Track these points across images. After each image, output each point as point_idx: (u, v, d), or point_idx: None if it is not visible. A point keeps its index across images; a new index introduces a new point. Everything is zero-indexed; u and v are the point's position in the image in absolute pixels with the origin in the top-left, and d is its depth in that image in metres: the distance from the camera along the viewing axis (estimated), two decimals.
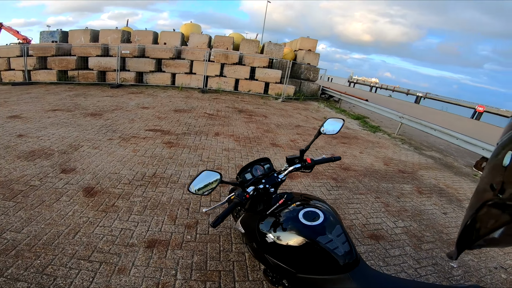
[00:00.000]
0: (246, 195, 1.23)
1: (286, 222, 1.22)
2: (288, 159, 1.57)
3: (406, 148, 6.53)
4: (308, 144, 1.57)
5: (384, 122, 9.53)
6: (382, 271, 2.28)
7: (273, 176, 1.47)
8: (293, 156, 1.58)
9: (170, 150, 4.31)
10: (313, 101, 12.12)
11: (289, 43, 15.10)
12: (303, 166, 1.54)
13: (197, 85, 10.90)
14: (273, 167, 1.67)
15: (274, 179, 1.45)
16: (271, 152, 4.83)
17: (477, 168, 5.55)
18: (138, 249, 2.18)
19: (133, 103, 7.27)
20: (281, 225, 1.22)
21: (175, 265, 2.07)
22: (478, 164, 5.59)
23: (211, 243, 2.33)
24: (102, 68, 9.62)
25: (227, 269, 2.08)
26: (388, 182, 4.19)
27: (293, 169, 1.53)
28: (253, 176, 1.56)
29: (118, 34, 11.11)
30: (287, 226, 1.20)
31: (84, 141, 4.28)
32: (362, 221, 2.97)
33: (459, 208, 3.66)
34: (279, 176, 1.49)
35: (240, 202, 1.21)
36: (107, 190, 2.97)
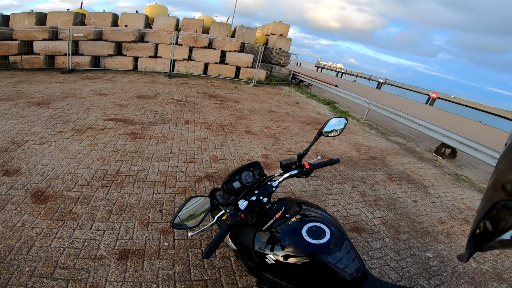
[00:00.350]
0: (241, 215, 1.03)
1: (289, 240, 1.05)
2: (284, 164, 1.35)
3: (374, 133, 6.78)
4: (307, 148, 1.36)
5: (352, 107, 9.82)
6: (367, 265, 2.29)
7: (267, 185, 1.28)
8: (289, 161, 1.36)
9: (135, 142, 3.89)
10: (284, 86, 12.06)
11: (260, 28, 14.68)
12: (301, 172, 1.35)
13: (162, 69, 10.13)
14: (264, 171, 1.47)
15: (268, 189, 1.26)
16: (246, 140, 4.64)
17: (437, 153, 5.96)
18: (109, 262, 1.91)
19: (88, 89, 6.45)
20: (282, 244, 1.05)
21: (155, 277, 1.85)
22: (438, 150, 6.01)
23: (192, 249, 2.12)
24: (50, 53, 8.43)
25: (214, 277, 1.91)
26: (362, 169, 4.28)
27: (289, 176, 1.34)
28: (242, 185, 1.36)
29: (70, 16, 9.88)
30: (290, 245, 1.04)
31: (29, 135, 3.66)
32: (343, 213, 2.97)
33: (426, 195, 3.87)
34: (273, 184, 1.30)
35: (234, 224, 1.01)
36: (61, 194, 2.55)
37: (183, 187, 2.94)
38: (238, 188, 1.34)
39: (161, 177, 3.06)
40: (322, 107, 8.92)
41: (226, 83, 10.13)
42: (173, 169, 3.29)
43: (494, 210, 0.34)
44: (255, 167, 1.46)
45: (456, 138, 5.37)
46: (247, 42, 11.30)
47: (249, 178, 1.39)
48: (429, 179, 4.49)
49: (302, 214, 1.15)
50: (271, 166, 3.80)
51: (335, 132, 1.49)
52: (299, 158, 1.34)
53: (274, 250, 1.05)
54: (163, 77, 9.47)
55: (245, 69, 11.14)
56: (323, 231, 1.04)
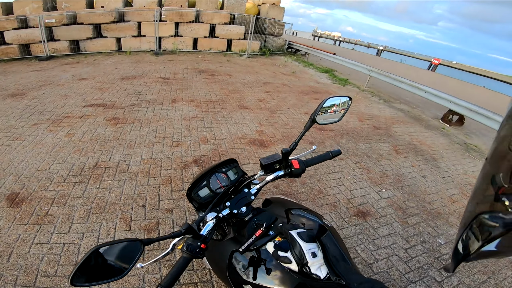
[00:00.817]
0: (201, 245, 0.74)
1: (271, 267, 0.78)
2: (264, 165, 0.99)
3: (377, 101, 6.38)
4: (294, 141, 0.99)
5: (352, 75, 9.29)
6: (373, 256, 2.07)
7: (243, 192, 0.97)
8: (271, 160, 1.00)
9: (116, 128, 3.57)
10: (280, 56, 11.42)
11: None
12: (288, 173, 1.00)
13: (148, 48, 9.49)
14: (242, 170, 1.13)
15: (244, 198, 0.95)
16: (238, 116, 4.30)
17: (444, 121, 5.59)
18: None
19: (67, 75, 5.99)
20: (262, 271, 0.78)
21: (141, 282, 1.67)
22: (445, 117, 5.63)
23: (179, 250, 1.90)
24: (24, 41, 7.82)
25: (204, 279, 1.72)
26: (365, 141, 3.97)
27: (274, 179, 1.01)
28: (211, 192, 1.04)
29: (39, 3, 9.13)
30: (272, 274, 0.77)
31: (3, 131, 3.35)
32: (346, 195, 2.72)
33: (436, 169, 3.56)
34: (251, 190, 0.98)
35: (193, 257, 0.73)
36: (36, 194, 2.31)
37: (169, 176, 2.67)
38: (207, 196, 1.03)
39: (144, 166, 2.79)
40: (321, 76, 8.41)
41: (218, 57, 9.53)
42: (157, 155, 3.01)
43: (477, 222, 0.34)
44: (229, 166, 1.11)
45: (464, 105, 4.98)
46: (237, 14, 10.52)
47: (220, 182, 1.06)
48: (437, 150, 4.17)
49: (290, 230, 0.85)
50: (266, 144, 3.50)
51: (334, 117, 1.09)
52: (283, 156, 0.98)
53: (253, 279, 0.78)
54: (150, 55, 8.89)
55: (237, 41, 10.47)
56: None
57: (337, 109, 1.08)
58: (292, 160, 1.00)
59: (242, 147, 3.36)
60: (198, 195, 1.02)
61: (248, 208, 0.93)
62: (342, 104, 1.09)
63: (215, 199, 0.94)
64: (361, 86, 7.67)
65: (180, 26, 9.72)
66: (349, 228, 2.30)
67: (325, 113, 1.04)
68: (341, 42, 40.75)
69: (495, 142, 0.35)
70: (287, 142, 3.60)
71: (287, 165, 1.00)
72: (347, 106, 1.11)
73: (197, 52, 10.00)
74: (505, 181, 0.31)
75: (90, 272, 0.55)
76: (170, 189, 2.48)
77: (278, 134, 3.82)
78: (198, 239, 0.74)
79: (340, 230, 2.26)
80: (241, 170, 1.13)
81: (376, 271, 1.94)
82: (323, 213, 2.43)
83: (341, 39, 42.27)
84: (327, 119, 1.08)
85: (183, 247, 0.73)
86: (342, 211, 2.49)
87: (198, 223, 0.81)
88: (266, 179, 1.00)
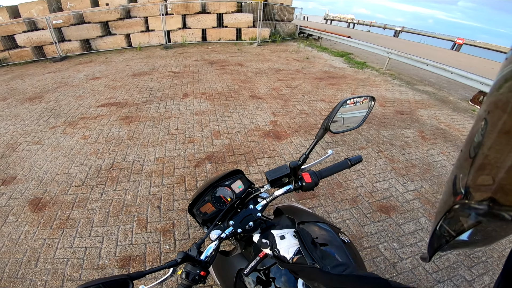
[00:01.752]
0: (200, 272, 0.66)
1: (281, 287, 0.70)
2: (271, 180, 0.85)
3: (398, 84, 5.99)
4: (305, 153, 0.83)
5: (370, 58, 8.80)
6: (398, 255, 1.92)
7: (249, 209, 0.85)
8: (277, 174, 0.86)
9: (129, 127, 3.56)
10: (291, 42, 11.01)
11: None
12: (299, 187, 0.85)
13: (158, 42, 9.46)
14: (248, 181, 1.02)
15: (250, 216, 0.83)
16: (251, 107, 4.17)
17: (474, 102, 5.15)
18: (112, 271, 1.77)
19: (81, 75, 6.07)
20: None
21: (159, 285, 1.63)
22: (475, 98, 5.18)
23: None
24: (36, 43, 7.99)
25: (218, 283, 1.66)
26: (388, 128, 3.73)
27: (283, 193, 0.87)
28: (215, 209, 0.93)
29: (44, 4, 9.32)
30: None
31: (23, 136, 3.44)
32: (368, 188, 2.55)
33: None
34: (257, 207, 0.86)
35: (191, 285, 0.65)
36: (57, 199, 2.36)
37: (182, 174, 2.62)
38: (211, 213, 0.93)
39: (158, 165, 2.76)
40: (336, 60, 8.02)
41: (228, 46, 9.33)
42: (170, 153, 2.97)
43: (451, 212, 0.35)
44: (233, 178, 1.00)
45: None
46: (244, 1, 10.19)
47: (224, 197, 0.96)
48: None
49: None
50: (281, 135, 3.37)
51: (352, 122, 0.89)
52: (292, 170, 0.83)
53: None
54: (160, 50, 8.85)
55: (246, 30, 10.19)
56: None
57: (356, 113, 0.89)
58: (304, 173, 0.86)
59: (256, 140, 3.25)
60: (200, 211, 0.93)
61: (256, 223, 0.83)
62: (362, 106, 0.89)
63: (218, 215, 0.85)
64: (380, 69, 7.24)
65: (188, 18, 9.57)
66: (372, 225, 2.16)
67: (341, 118, 0.86)
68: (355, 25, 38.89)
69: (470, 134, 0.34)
70: (303, 133, 3.45)
71: (297, 179, 0.86)
72: (368, 108, 0.91)
73: (207, 43, 9.85)
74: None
75: None
76: (184, 189, 2.43)
77: (294, 124, 3.66)
78: (198, 265, 0.67)
79: (362, 227, 2.12)
80: (247, 181, 1.02)
81: (400, 271, 1.81)
82: (343, 208, 2.30)
83: (355, 22, 40.31)
84: (343, 126, 0.89)
85: (182, 274, 0.66)
86: (364, 206, 2.34)
87: (199, 245, 0.72)
88: (274, 194, 0.88)
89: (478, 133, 0.31)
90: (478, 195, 0.30)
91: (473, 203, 0.30)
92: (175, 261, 0.63)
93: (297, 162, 0.81)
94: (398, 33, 30.12)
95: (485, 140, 0.29)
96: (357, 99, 0.87)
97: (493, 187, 0.27)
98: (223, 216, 0.84)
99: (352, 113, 0.88)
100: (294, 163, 0.81)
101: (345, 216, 2.22)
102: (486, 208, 0.28)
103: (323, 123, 0.82)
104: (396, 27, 32.58)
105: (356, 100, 0.87)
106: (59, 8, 9.66)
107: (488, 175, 0.28)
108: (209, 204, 0.94)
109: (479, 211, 0.30)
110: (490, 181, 0.28)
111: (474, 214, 0.31)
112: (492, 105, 0.29)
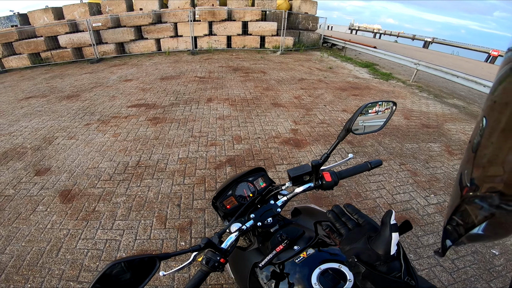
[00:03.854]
0: (220, 259, 0.70)
1: (295, 283, 0.73)
2: (292, 177, 0.90)
3: (425, 96, 5.78)
4: (326, 153, 0.88)
5: (396, 69, 8.58)
6: (413, 265, 1.85)
7: (269, 204, 0.90)
8: (299, 171, 0.90)
9: (156, 128, 3.74)
10: (315, 51, 11.02)
11: None
12: (319, 186, 0.90)
13: (185, 48, 9.87)
14: (269, 179, 1.07)
15: (270, 211, 0.88)
16: (273, 114, 4.23)
17: None
18: None
19: (115, 77, 6.48)
20: (286, 284, 0.74)
21: (171, 281, 1.72)
22: None
23: None
24: (76, 45, 8.67)
25: (230, 281, 1.70)
26: (412, 141, 3.61)
27: (302, 191, 0.92)
28: (236, 202, 0.99)
29: (85, 7, 10.03)
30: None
31: (59, 130, 3.73)
32: (387, 200, 2.49)
33: None
34: (278, 202, 0.91)
35: (211, 271, 0.69)
36: (85, 191, 2.52)
37: (203, 175, 2.71)
38: (232, 206, 0.99)
39: (181, 166, 2.87)
40: (360, 70, 7.91)
41: (252, 54, 9.53)
42: (193, 154, 3.08)
43: (463, 205, 0.34)
44: (256, 175, 1.05)
45: None
46: (268, 10, 10.42)
47: (246, 192, 1.01)
48: None
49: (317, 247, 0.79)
50: (301, 143, 3.38)
51: (373, 126, 0.93)
52: (314, 168, 0.88)
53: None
54: (187, 55, 9.22)
55: (270, 38, 10.36)
56: (343, 276, 0.69)
57: (378, 116, 0.93)
58: (324, 172, 0.90)
59: (276, 147, 3.28)
60: (223, 204, 0.99)
61: (275, 219, 0.88)
62: (384, 110, 0.93)
63: (240, 209, 0.90)
64: (407, 81, 7.04)
65: (214, 25, 9.92)
66: None
67: (363, 121, 0.90)
68: (382, 35, 37.91)
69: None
70: (323, 142, 3.43)
71: (318, 177, 0.90)
72: (390, 112, 0.94)
73: (231, 50, 10.11)
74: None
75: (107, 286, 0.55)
76: (204, 189, 2.52)
77: (314, 133, 3.66)
78: (219, 253, 0.71)
79: None
80: (269, 179, 1.07)
81: None
82: None
83: (381, 32, 39.31)
84: (365, 129, 0.93)
85: (203, 260, 0.70)
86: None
87: (220, 234, 0.78)
88: (295, 191, 0.92)
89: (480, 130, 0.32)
90: (485, 187, 0.30)
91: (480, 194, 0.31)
92: (198, 246, 0.68)
93: (318, 160, 0.85)
94: (428, 43, 28.99)
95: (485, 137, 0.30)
96: (379, 103, 0.92)
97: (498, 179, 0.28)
98: (244, 210, 0.89)
99: (374, 116, 0.92)
100: (316, 161, 0.85)
101: None
102: (498, 200, 0.28)
103: (345, 124, 0.86)
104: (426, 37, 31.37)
105: (378, 104, 0.91)
106: (98, 12, 10.37)
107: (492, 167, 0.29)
108: (232, 198, 0.99)
109: (490, 203, 0.30)
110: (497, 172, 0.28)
111: (489, 205, 0.30)
112: (489, 106, 0.31)
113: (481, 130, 0.31)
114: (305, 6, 11.42)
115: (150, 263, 0.60)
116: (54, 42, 8.55)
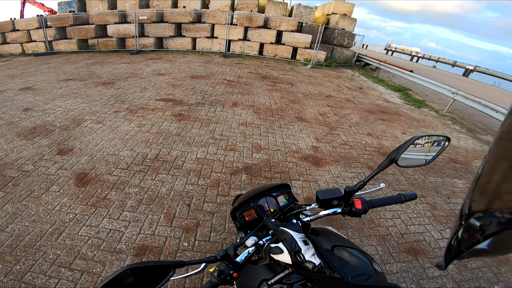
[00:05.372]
0: (233, 274, 0.68)
1: None
2: (322, 200, 0.86)
3: (458, 129, 5.47)
4: (363, 181, 0.84)
5: (430, 96, 8.21)
6: None
7: (291, 223, 0.86)
8: (330, 195, 0.86)
9: (179, 124, 3.83)
10: (346, 69, 10.84)
11: (321, 7, 13.49)
12: (347, 212, 0.86)
13: (219, 50, 10.14)
14: (293, 197, 1.03)
15: None
16: (295, 128, 4.17)
17: None
18: (126, 257, 1.83)
19: (149, 69, 6.77)
20: None
21: None
22: None
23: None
24: (121, 35, 9.24)
25: None
26: (436, 175, 3.41)
27: (328, 214, 0.88)
28: (256, 217, 0.96)
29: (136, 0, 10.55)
30: None
31: (89, 114, 3.93)
32: (400, 229, 2.37)
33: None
34: (299, 223, 0.87)
35: (222, 284, 0.67)
36: (101, 177, 2.60)
37: (218, 179, 2.72)
38: (251, 219, 0.96)
39: (197, 165, 2.90)
40: (392, 94, 7.65)
41: (282, 64, 9.56)
42: (211, 156, 3.10)
43: (471, 220, 0.34)
44: (280, 190, 1.01)
45: None
46: (305, 22, 10.45)
47: (269, 207, 0.98)
48: None
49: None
50: (321, 162, 3.30)
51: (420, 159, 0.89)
52: (346, 194, 0.83)
53: None
54: (219, 57, 9.45)
55: (302, 50, 10.34)
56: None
57: (426, 149, 0.87)
58: (354, 199, 0.86)
59: (295, 162, 3.23)
60: (242, 216, 0.96)
61: None
62: (435, 145, 0.88)
63: (259, 223, 0.87)
64: (440, 110, 6.70)
65: (249, 31, 10.10)
66: (395, 264, 2.02)
67: (410, 153, 0.85)
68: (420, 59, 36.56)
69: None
70: (343, 164, 3.33)
71: (348, 204, 0.86)
72: (441, 148, 0.89)
73: (262, 58, 10.22)
74: None
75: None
76: (216, 193, 2.51)
77: (335, 154, 3.56)
78: (232, 266, 0.69)
79: (384, 265, 1.99)
80: (293, 196, 1.03)
81: None
82: (369, 244, 2.16)
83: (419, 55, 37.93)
84: (411, 162, 0.88)
85: (214, 271, 0.68)
86: (391, 245, 2.18)
87: (236, 247, 0.75)
88: (319, 214, 0.88)
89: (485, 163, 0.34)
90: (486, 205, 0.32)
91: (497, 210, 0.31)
92: (214, 258, 0.66)
93: (353, 187, 0.82)
94: (469, 72, 27.48)
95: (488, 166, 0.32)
96: (431, 136, 0.88)
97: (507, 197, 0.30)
98: (263, 225, 0.86)
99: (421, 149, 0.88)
100: (351, 188, 0.82)
101: (370, 251, 2.09)
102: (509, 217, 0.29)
103: (390, 154, 0.82)
104: (468, 65, 29.73)
105: (430, 137, 0.87)
106: (146, 5, 11.00)
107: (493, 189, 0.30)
108: (253, 211, 0.96)
109: (502, 219, 0.30)
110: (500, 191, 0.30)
111: (498, 222, 0.31)
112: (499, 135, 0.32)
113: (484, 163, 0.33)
114: (343, 22, 11.33)
115: (164, 270, 0.60)
116: (103, 31, 9.16)
